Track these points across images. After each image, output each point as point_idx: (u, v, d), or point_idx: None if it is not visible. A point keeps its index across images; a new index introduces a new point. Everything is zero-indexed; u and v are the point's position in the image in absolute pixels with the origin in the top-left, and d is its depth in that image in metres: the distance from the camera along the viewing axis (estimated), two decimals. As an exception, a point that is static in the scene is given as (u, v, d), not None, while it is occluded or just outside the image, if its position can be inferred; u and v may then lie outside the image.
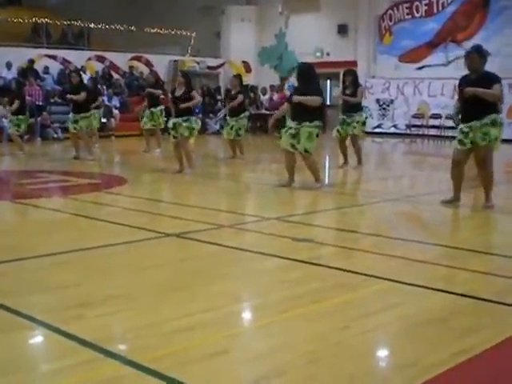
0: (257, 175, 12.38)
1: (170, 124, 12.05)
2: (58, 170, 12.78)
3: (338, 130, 13.04)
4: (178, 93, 11.93)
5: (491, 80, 8.28)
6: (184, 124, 11.74)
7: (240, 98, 14.56)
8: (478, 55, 8.38)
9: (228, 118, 14.91)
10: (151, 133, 16.87)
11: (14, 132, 16.35)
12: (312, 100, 9.96)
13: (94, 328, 4.06)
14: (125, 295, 4.77)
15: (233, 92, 14.97)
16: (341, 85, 14.61)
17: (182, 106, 11.70)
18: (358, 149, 13.40)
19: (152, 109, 16.50)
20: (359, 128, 13.06)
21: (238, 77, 15.47)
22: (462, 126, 8.42)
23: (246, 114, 14.87)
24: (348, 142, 13.37)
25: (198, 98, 12.29)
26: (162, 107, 16.62)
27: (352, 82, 12.93)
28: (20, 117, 16.13)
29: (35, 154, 17.40)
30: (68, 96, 15.01)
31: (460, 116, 8.54)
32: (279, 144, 10.42)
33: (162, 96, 16.97)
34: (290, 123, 10.20)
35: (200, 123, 12.36)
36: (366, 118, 13.34)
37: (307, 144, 10.03)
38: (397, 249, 6.41)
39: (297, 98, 10.03)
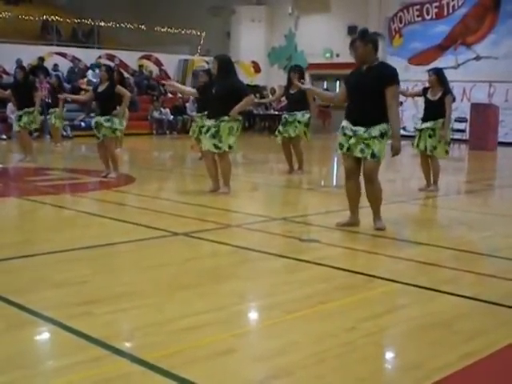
0: (263, 175, 12.38)
1: (93, 123, 11.14)
2: (67, 168, 12.83)
3: (279, 131, 12.21)
4: (101, 88, 11.00)
5: (386, 76, 6.87)
6: (106, 124, 10.78)
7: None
8: (361, 42, 6.86)
9: (195, 114, 13.98)
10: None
11: None
12: (249, 101, 9.57)
13: (102, 325, 4.08)
14: (132, 293, 4.79)
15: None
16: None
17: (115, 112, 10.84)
18: (300, 153, 12.29)
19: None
20: (301, 128, 12.03)
21: (208, 72, 14.49)
22: (345, 123, 7.09)
23: None
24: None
25: (127, 94, 11.05)
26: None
27: (298, 80, 11.55)
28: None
29: (44, 151, 17.44)
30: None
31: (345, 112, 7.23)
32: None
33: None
34: (206, 122, 9.57)
35: (124, 124, 11.37)
36: (310, 118, 12.07)
37: (230, 139, 9.35)
38: (403, 251, 6.42)
39: (236, 110, 9.23)
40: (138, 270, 5.51)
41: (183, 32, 27.13)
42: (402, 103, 24.44)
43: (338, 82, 26.16)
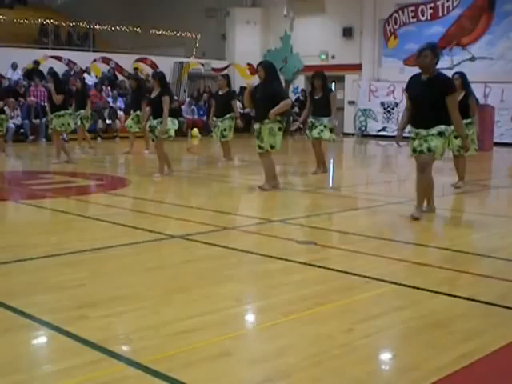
0: (261, 177, 12.35)
1: (147, 126, 12.02)
2: (63, 171, 12.80)
3: (307, 135, 12.69)
4: (153, 94, 11.85)
5: (445, 87, 7.66)
6: (158, 126, 11.56)
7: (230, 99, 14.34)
8: (431, 52, 7.70)
9: (215, 118, 14.57)
10: (138, 135, 16.85)
11: None
12: (285, 105, 9.99)
13: (98, 329, 4.07)
14: (129, 296, 4.78)
15: (220, 92, 14.62)
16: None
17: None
18: (321, 154, 12.76)
19: (138, 112, 16.45)
20: (326, 134, 12.39)
21: (226, 77, 15.24)
22: (410, 129, 8.00)
23: (232, 114, 14.37)
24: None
25: (166, 101, 11.45)
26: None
27: (321, 87, 12.33)
28: (1, 116, 15.84)
29: (40, 154, 17.43)
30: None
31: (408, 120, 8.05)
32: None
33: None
34: (254, 125, 10.33)
35: (177, 124, 12.08)
36: (335, 125, 12.71)
37: (271, 140, 10.06)
38: (400, 252, 6.41)
39: (273, 113, 9.78)
40: (133, 273, 5.50)
41: (178, 34, 27.12)
42: (397, 104, 24.53)
43: (333, 84, 26.19)
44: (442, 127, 7.67)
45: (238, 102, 15.33)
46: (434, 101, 7.63)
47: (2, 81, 19.84)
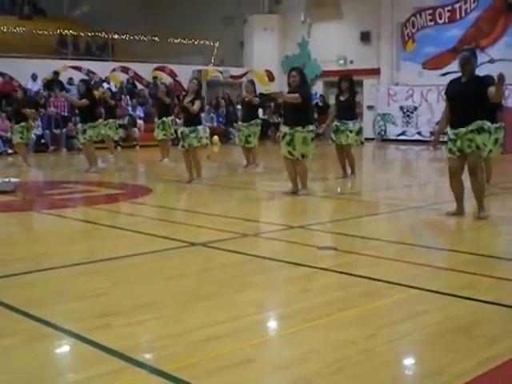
0: (280, 183, 12.37)
1: (179, 133, 12.07)
2: (84, 181, 12.88)
3: (331, 138, 12.72)
4: (186, 100, 11.86)
5: (486, 83, 7.91)
6: (191, 134, 11.61)
7: (256, 100, 14.55)
8: (474, 59, 8.14)
9: (240, 123, 14.80)
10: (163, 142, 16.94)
11: (17, 140, 15.77)
12: (292, 97, 9.99)
13: (121, 337, 4.09)
14: (151, 304, 4.80)
15: (246, 98, 14.89)
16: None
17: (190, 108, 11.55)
18: (352, 159, 12.81)
19: (164, 118, 16.53)
20: (353, 137, 12.49)
21: (253, 83, 15.43)
22: (449, 131, 8.16)
23: (257, 121, 14.65)
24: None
25: (195, 107, 11.53)
26: (173, 117, 16.75)
27: (348, 89, 12.39)
28: (23, 124, 15.62)
29: (61, 164, 17.54)
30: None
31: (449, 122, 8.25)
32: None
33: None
34: (283, 128, 10.33)
35: (208, 131, 12.16)
36: (361, 127, 12.80)
37: (303, 149, 10.17)
38: (421, 256, 6.39)
39: (282, 96, 10.32)
40: (155, 282, 5.52)
41: (196, 42, 27.22)
42: (416, 108, 24.45)
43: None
44: (479, 122, 7.86)
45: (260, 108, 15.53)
46: (473, 97, 7.81)
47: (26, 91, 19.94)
